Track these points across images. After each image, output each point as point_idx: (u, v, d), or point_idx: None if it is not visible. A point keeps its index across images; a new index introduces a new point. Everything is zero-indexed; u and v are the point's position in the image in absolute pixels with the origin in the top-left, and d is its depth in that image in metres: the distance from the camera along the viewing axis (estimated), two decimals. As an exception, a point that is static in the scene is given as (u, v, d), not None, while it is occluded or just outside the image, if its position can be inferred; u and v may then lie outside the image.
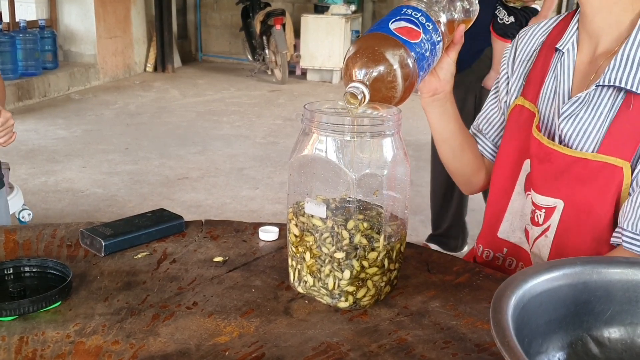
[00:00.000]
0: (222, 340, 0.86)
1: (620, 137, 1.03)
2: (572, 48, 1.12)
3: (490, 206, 1.27)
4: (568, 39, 1.13)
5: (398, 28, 0.96)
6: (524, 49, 1.24)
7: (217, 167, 4.78)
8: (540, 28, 1.23)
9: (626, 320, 0.74)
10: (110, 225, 1.17)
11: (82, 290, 0.99)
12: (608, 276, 0.75)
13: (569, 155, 1.07)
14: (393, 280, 0.99)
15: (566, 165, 1.07)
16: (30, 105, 6.49)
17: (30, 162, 4.71)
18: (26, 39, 6.57)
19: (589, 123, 1.06)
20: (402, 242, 0.98)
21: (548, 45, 1.18)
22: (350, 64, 0.94)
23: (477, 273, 1.09)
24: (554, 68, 1.15)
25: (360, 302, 0.95)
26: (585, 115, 1.06)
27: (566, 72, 1.12)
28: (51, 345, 0.84)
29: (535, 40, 1.22)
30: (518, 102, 1.20)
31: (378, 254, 0.92)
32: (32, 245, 1.15)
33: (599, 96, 1.06)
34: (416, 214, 3.85)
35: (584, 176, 1.06)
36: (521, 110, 1.19)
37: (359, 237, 0.91)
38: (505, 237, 1.23)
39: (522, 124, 1.17)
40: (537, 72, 1.18)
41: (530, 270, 0.73)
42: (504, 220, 1.23)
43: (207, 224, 1.26)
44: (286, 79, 8.16)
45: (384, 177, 0.92)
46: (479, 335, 0.89)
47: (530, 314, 0.68)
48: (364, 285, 0.94)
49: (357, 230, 0.91)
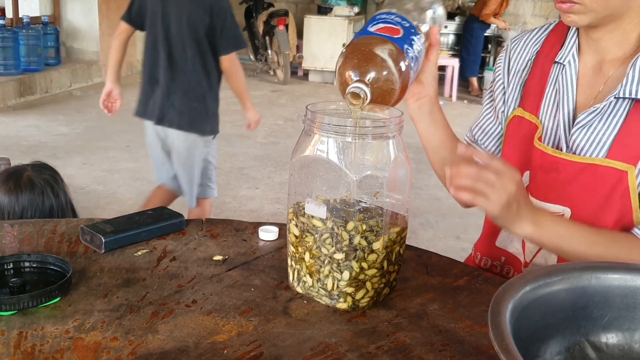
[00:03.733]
0: (220, 338, 0.87)
1: (628, 142, 1.04)
2: (573, 60, 1.12)
3: (489, 218, 1.27)
4: (568, 51, 1.13)
5: (378, 29, 0.97)
6: (518, 58, 1.23)
7: (218, 166, 4.77)
8: (532, 37, 1.22)
9: (624, 325, 0.75)
10: (110, 222, 1.17)
11: (81, 286, 0.99)
12: (606, 282, 0.75)
13: (578, 162, 1.07)
14: (392, 282, 0.99)
15: (575, 173, 1.07)
16: (32, 101, 6.49)
17: (31, 158, 4.67)
18: (29, 34, 6.58)
19: (603, 132, 1.06)
20: (401, 245, 0.98)
21: (544, 56, 1.18)
22: (343, 72, 0.95)
23: (476, 276, 1.09)
24: (554, 80, 1.14)
25: (359, 303, 0.95)
26: (600, 125, 1.07)
27: (569, 84, 1.12)
28: (50, 341, 0.84)
29: (528, 49, 1.21)
30: (517, 114, 1.20)
31: (377, 255, 0.93)
32: (32, 240, 1.15)
33: (615, 107, 1.06)
34: (416, 217, 3.85)
35: (592, 183, 1.06)
36: (520, 122, 1.18)
37: (358, 238, 0.91)
38: (503, 247, 1.23)
39: (522, 136, 1.17)
40: (534, 84, 1.18)
41: (529, 275, 0.73)
42: (502, 230, 1.23)
43: (207, 222, 1.26)
44: (288, 80, 8.17)
45: (384, 179, 0.92)
46: (477, 338, 0.89)
47: (528, 318, 0.69)
48: (362, 286, 0.94)
49: (356, 232, 0.91)
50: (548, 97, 1.15)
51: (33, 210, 1.68)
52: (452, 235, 3.64)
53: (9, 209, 1.66)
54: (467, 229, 3.40)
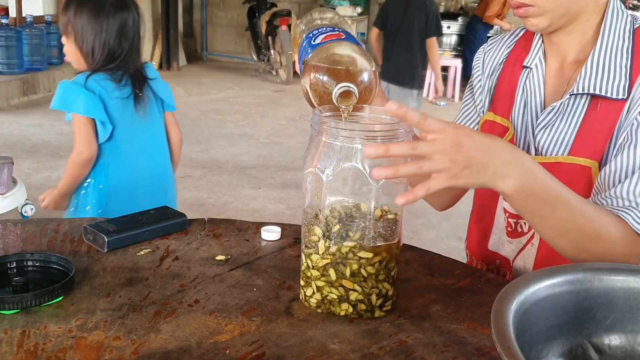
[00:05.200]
0: (222, 338, 0.87)
1: (589, 138, 1.06)
2: (539, 63, 1.14)
3: (477, 223, 1.27)
4: (534, 55, 1.15)
5: (323, 39, 0.97)
6: (490, 62, 1.24)
7: (220, 165, 4.79)
8: (506, 41, 1.24)
9: (627, 327, 0.75)
10: (113, 222, 1.17)
11: (84, 286, 0.99)
12: (610, 283, 0.75)
13: (543, 163, 1.08)
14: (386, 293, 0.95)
15: None
16: (35, 100, 6.51)
17: (34, 157, 4.72)
18: (32, 34, 6.60)
19: (564, 131, 1.08)
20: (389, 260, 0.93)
21: (513, 61, 1.19)
22: (315, 86, 0.93)
23: (478, 277, 1.09)
24: (522, 84, 1.16)
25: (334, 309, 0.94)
26: (561, 124, 1.08)
27: (536, 86, 1.14)
28: (53, 340, 0.84)
29: (500, 53, 1.23)
30: (488, 118, 1.21)
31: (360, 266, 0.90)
32: (35, 239, 1.16)
33: (573, 104, 1.08)
34: (418, 217, 3.85)
35: (561, 181, 1.07)
36: (492, 126, 1.20)
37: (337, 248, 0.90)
38: (495, 250, 1.23)
39: None
40: (504, 88, 1.20)
41: (532, 276, 0.73)
42: (492, 234, 1.23)
43: (209, 222, 1.27)
44: (291, 80, 8.17)
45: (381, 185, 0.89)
46: (480, 340, 0.89)
47: (531, 320, 0.69)
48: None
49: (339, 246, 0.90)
50: (518, 101, 1.17)
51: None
52: (454, 236, 3.64)
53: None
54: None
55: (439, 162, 0.81)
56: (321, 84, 0.92)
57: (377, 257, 0.90)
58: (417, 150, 0.82)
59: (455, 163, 0.81)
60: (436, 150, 0.81)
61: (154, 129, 2.04)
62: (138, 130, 1.97)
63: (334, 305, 0.93)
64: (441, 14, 8.64)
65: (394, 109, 0.83)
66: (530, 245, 1.15)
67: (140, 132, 1.98)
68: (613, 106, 1.04)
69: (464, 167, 0.82)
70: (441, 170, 0.82)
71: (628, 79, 1.04)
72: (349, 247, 0.89)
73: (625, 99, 1.03)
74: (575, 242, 0.94)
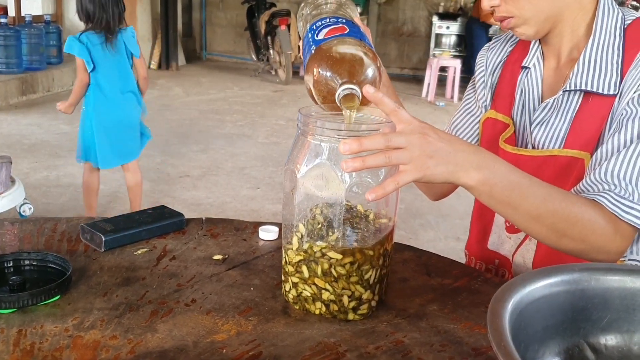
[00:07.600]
0: (219, 337, 0.87)
1: (581, 131, 1.07)
2: (537, 63, 1.17)
3: (477, 221, 1.29)
4: (533, 55, 1.18)
5: (326, 34, 0.94)
6: (492, 60, 1.27)
7: (219, 165, 4.79)
8: (508, 40, 1.26)
9: (623, 327, 0.75)
10: (110, 221, 1.17)
11: (81, 285, 0.99)
12: (606, 283, 0.75)
13: (537, 157, 1.11)
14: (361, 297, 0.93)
15: (537, 166, 1.10)
16: (34, 100, 6.50)
17: (33, 157, 4.72)
18: (31, 33, 6.59)
19: (558, 126, 1.10)
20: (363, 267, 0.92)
21: (513, 62, 1.22)
22: (318, 85, 0.91)
23: (475, 277, 1.09)
24: (522, 83, 1.18)
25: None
26: (555, 120, 1.11)
27: (534, 85, 1.17)
28: (49, 339, 0.84)
29: (502, 52, 1.26)
30: (489, 115, 1.23)
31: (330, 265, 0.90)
32: (32, 238, 1.15)
33: (566, 100, 1.10)
34: (416, 218, 3.85)
35: (553, 173, 1.09)
36: (494, 123, 1.22)
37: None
38: (495, 249, 1.24)
39: (496, 136, 1.20)
40: (505, 86, 1.22)
41: (529, 276, 0.73)
42: (492, 233, 1.24)
43: (207, 222, 1.27)
44: (290, 80, 8.17)
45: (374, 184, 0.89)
46: (476, 339, 0.89)
47: (527, 319, 0.69)
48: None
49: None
50: (517, 98, 1.19)
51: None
52: (452, 237, 3.64)
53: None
54: (468, 230, 3.40)
55: (407, 152, 0.82)
56: (324, 84, 0.91)
57: (347, 259, 0.89)
58: (392, 142, 0.82)
59: (422, 152, 0.82)
60: (407, 141, 0.82)
61: (121, 63, 3.27)
62: (110, 63, 3.21)
63: (308, 303, 0.94)
64: (440, 14, 8.70)
65: (371, 92, 0.84)
66: (528, 240, 1.15)
67: (111, 64, 3.22)
68: (604, 102, 1.06)
69: (430, 157, 0.83)
70: (409, 160, 0.82)
71: (619, 75, 1.05)
72: (320, 246, 0.90)
73: (616, 94, 1.05)
74: (551, 226, 0.93)
